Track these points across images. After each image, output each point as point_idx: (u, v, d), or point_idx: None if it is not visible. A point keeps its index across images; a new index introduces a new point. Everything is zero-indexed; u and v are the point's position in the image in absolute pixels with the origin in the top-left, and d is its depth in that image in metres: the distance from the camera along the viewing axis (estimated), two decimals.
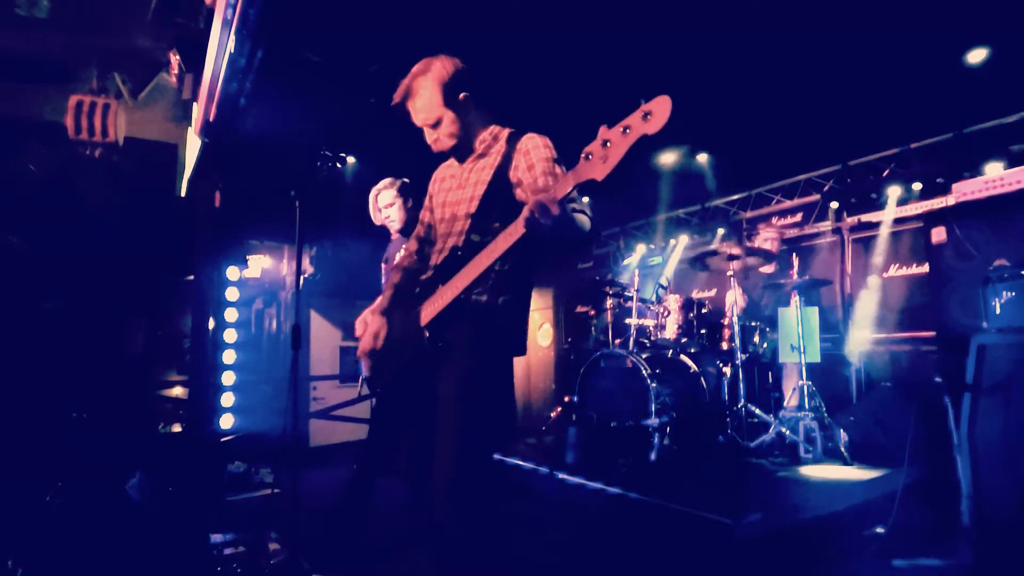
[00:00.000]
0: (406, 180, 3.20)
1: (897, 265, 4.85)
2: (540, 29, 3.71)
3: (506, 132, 1.94)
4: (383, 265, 3.29)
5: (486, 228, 1.77)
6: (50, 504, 2.37)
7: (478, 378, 1.73)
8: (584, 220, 1.71)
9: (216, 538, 2.70)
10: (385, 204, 3.16)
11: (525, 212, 1.53)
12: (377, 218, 3.19)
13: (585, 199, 7.69)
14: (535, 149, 1.83)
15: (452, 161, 2.01)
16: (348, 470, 4.37)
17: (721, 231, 6.67)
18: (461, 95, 1.85)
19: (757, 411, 3.88)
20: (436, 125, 1.87)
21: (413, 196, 3.17)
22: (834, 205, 5.61)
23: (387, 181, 3.17)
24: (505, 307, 1.79)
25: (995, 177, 2.96)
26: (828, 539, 2.76)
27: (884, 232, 5.01)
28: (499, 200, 1.81)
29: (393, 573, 2.49)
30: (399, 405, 1.98)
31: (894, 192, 5.09)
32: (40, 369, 3.81)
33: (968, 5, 3.57)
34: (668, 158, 5.91)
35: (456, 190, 1.96)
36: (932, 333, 4.27)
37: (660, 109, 1.36)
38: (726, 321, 4.17)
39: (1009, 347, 2.29)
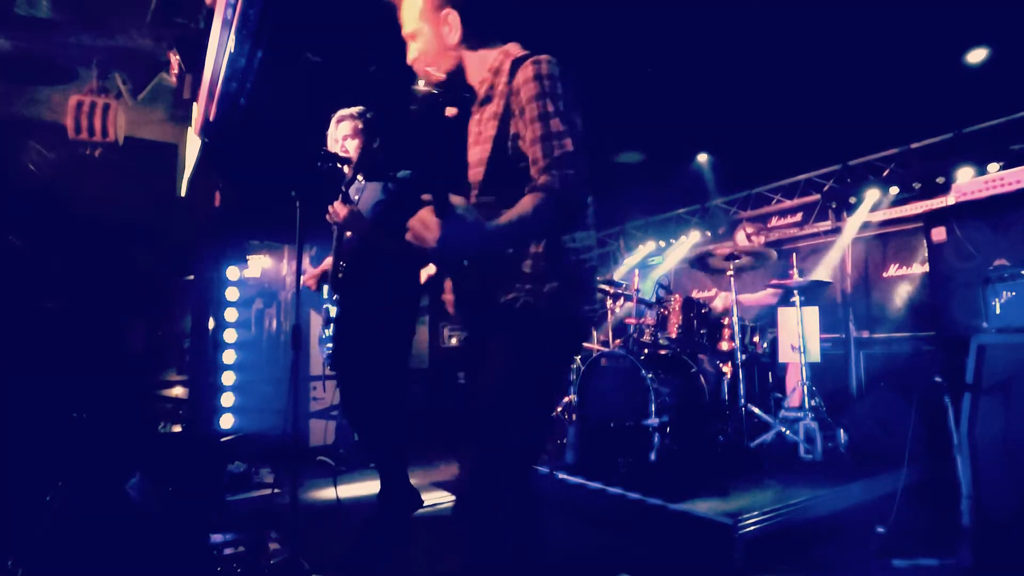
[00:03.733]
0: (369, 115, 2.85)
1: (897, 265, 4.85)
2: (538, 29, 3.70)
3: (508, 62, 1.52)
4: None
5: (495, 202, 1.47)
6: (50, 504, 2.37)
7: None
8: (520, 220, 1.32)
9: (216, 538, 2.70)
10: (343, 135, 2.81)
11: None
12: (332, 147, 2.85)
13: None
14: (526, 86, 1.44)
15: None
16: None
17: (721, 230, 6.67)
18: (445, 10, 1.53)
19: (757, 411, 3.88)
20: (414, 40, 1.58)
21: (380, 135, 2.82)
22: (834, 205, 5.61)
23: (354, 110, 2.85)
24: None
25: (995, 177, 2.96)
26: (828, 539, 2.76)
27: (882, 232, 5.01)
28: (507, 164, 1.47)
29: (393, 572, 2.50)
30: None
31: (893, 192, 5.10)
32: (40, 369, 3.81)
33: (968, 5, 3.57)
34: (669, 157, 5.90)
35: (472, 146, 1.61)
36: (932, 333, 4.27)
37: None
38: (726, 321, 4.17)
39: (1009, 347, 2.29)
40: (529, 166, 1.44)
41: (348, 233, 2.71)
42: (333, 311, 2.84)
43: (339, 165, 2.72)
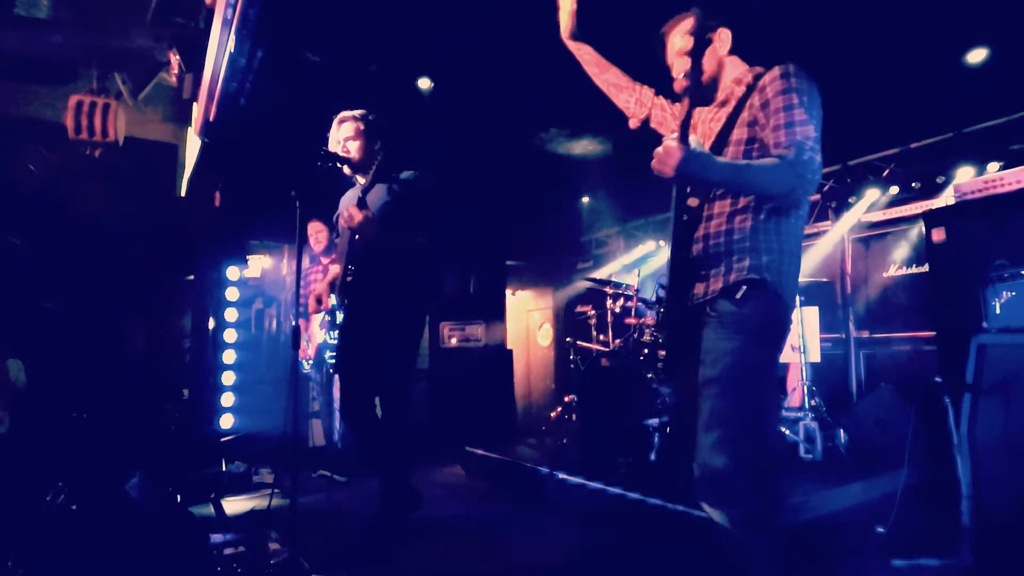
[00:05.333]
0: (371, 117, 2.81)
1: (897, 265, 4.84)
2: (526, 31, 3.70)
3: (751, 75, 1.76)
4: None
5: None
6: (50, 504, 2.37)
7: None
8: (759, 168, 1.54)
9: (216, 538, 2.70)
10: (345, 137, 2.75)
11: None
12: (334, 148, 2.78)
13: (585, 199, 7.69)
14: (772, 83, 1.64)
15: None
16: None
17: None
18: (718, 28, 1.84)
19: None
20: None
21: (382, 137, 2.77)
22: (834, 205, 5.60)
23: (356, 112, 2.80)
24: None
25: (995, 177, 2.96)
26: (828, 539, 2.75)
27: (882, 231, 5.01)
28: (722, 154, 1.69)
29: (393, 572, 2.50)
30: None
31: (893, 191, 5.10)
32: (40, 369, 3.81)
33: (968, 5, 3.57)
34: None
35: (700, 137, 1.85)
36: (932, 333, 4.27)
37: None
38: None
39: (1009, 347, 2.29)
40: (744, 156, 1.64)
41: (357, 236, 2.71)
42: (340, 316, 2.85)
43: (339, 165, 2.71)
